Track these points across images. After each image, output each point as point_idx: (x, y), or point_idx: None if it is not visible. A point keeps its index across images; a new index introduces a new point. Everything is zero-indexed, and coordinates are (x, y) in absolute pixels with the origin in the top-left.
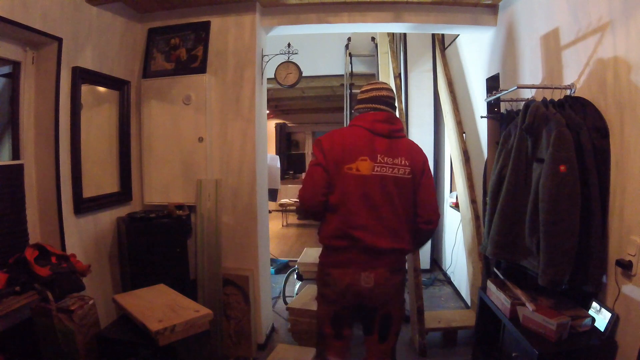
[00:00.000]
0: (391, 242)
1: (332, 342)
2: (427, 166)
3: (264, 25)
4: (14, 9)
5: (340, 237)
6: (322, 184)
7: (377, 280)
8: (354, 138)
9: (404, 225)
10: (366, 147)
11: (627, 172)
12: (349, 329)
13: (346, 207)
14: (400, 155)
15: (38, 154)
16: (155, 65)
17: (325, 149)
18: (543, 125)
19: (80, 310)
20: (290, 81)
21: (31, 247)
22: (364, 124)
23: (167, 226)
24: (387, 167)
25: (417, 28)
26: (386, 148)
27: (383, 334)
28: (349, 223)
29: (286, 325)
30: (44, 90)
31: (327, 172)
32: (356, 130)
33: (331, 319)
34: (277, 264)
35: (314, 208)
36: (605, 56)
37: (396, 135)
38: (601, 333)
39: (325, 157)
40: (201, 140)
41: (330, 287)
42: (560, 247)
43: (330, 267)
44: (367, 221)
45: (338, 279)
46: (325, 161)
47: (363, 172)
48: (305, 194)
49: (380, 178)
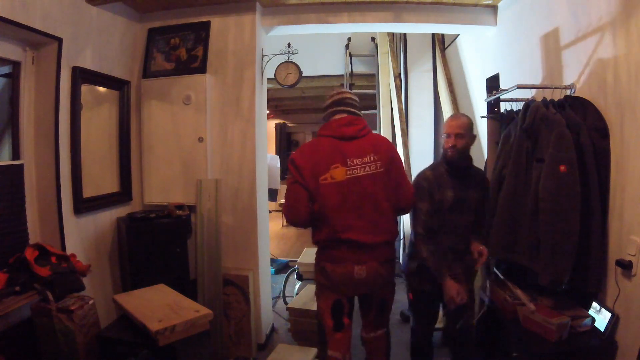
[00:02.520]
0: (375, 236)
1: (333, 335)
2: (393, 154)
3: (264, 25)
4: (14, 9)
5: (330, 240)
6: (303, 199)
7: (369, 272)
8: (323, 149)
9: (387, 217)
10: (336, 154)
11: (627, 172)
12: (348, 318)
13: (330, 214)
14: (367, 152)
15: (38, 154)
16: (155, 65)
17: (299, 166)
18: (543, 126)
19: (80, 310)
20: (290, 81)
21: (31, 247)
22: (329, 132)
23: (167, 226)
24: (359, 167)
25: (417, 28)
26: (354, 150)
27: (379, 312)
28: (335, 228)
29: (286, 325)
30: (44, 90)
31: (305, 187)
32: (323, 140)
33: (331, 309)
34: (277, 264)
35: (299, 220)
36: (605, 56)
37: (361, 135)
38: (601, 333)
39: (300, 174)
40: (201, 140)
41: (327, 279)
42: (560, 247)
43: (325, 262)
44: (351, 222)
45: (333, 272)
46: (302, 178)
47: (338, 178)
48: (289, 211)
49: (355, 180)
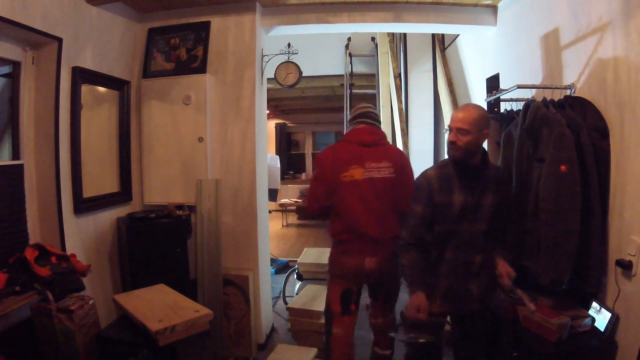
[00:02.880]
0: (385, 232)
1: (341, 318)
2: (404, 162)
3: (264, 25)
4: (14, 9)
5: (346, 231)
6: (323, 193)
7: (379, 264)
8: (345, 151)
9: (395, 215)
10: (356, 157)
11: (627, 172)
12: (355, 305)
13: (347, 208)
14: (383, 159)
15: (38, 154)
16: (155, 65)
17: (324, 164)
18: (543, 126)
19: (80, 310)
20: (290, 81)
21: (31, 247)
22: (352, 138)
23: (167, 226)
24: (374, 170)
25: (417, 28)
26: (371, 155)
27: (386, 300)
28: (351, 220)
29: (286, 325)
30: (44, 90)
31: (327, 183)
32: (346, 145)
33: (340, 297)
34: (277, 264)
35: (319, 212)
36: (605, 56)
37: (380, 143)
38: (601, 333)
39: (324, 171)
40: (201, 140)
41: (340, 270)
42: (560, 247)
43: (340, 255)
44: (364, 216)
45: (346, 263)
46: (325, 174)
47: (356, 177)
48: (311, 202)
49: (370, 180)
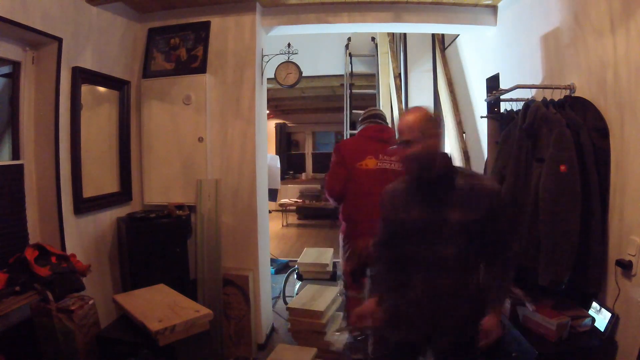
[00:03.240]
0: None
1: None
2: None
3: (264, 25)
4: (14, 9)
5: (357, 212)
6: (342, 177)
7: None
8: (361, 143)
9: None
10: (371, 149)
11: (627, 172)
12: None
13: (360, 191)
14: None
15: (38, 154)
16: (155, 65)
17: (342, 152)
18: (543, 125)
19: (80, 310)
20: (290, 81)
21: (31, 247)
22: (367, 134)
23: (167, 226)
24: (387, 162)
25: (417, 28)
26: (384, 149)
27: None
28: (362, 203)
29: (286, 325)
30: (44, 90)
31: (345, 168)
32: (362, 139)
33: (350, 273)
34: (277, 264)
35: (336, 193)
36: (605, 56)
37: (391, 141)
38: (601, 333)
39: (343, 158)
40: (201, 140)
41: (351, 249)
42: (560, 247)
43: (350, 236)
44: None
45: (355, 243)
46: (343, 160)
47: (370, 166)
48: (330, 184)
49: (382, 170)
